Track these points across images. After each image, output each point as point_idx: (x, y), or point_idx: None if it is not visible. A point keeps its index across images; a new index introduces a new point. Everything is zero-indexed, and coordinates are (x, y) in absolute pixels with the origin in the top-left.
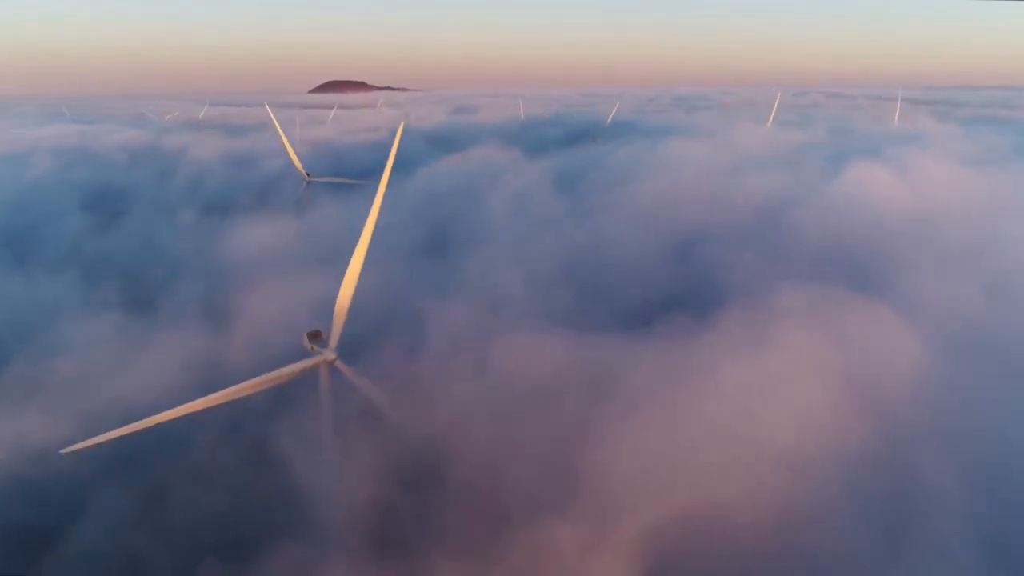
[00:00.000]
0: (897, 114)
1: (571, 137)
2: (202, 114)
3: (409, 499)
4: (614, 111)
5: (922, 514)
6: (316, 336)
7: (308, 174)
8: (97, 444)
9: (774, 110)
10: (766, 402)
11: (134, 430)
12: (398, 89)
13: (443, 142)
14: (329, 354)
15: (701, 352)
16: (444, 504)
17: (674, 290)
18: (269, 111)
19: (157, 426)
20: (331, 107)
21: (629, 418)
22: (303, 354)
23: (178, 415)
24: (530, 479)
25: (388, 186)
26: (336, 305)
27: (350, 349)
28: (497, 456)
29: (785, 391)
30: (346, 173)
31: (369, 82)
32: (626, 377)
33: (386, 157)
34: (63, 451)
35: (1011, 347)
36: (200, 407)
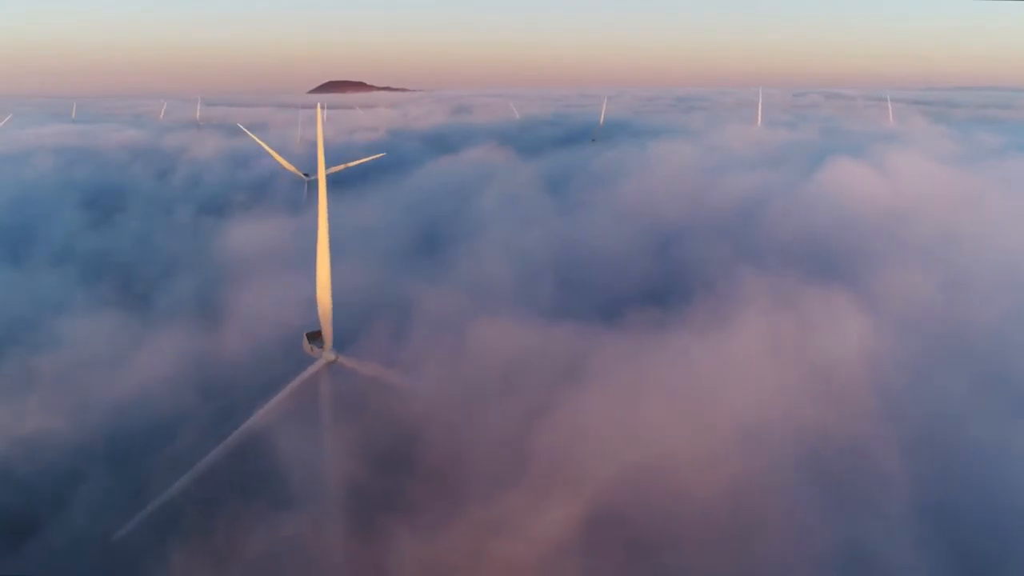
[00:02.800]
0: (890, 114)
1: (569, 137)
2: (199, 114)
3: (385, 479)
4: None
5: (868, 484)
6: (316, 336)
7: (307, 174)
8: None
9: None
10: (727, 384)
11: None
12: (398, 89)
13: (441, 142)
14: (329, 355)
15: (668, 339)
16: (415, 482)
17: (650, 283)
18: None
19: (147, 417)
20: (332, 107)
21: (595, 399)
22: (301, 353)
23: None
24: (495, 454)
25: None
26: (320, 309)
27: (338, 343)
28: (468, 436)
29: (746, 375)
30: (346, 172)
31: (369, 82)
32: (596, 362)
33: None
34: None
35: (963, 335)
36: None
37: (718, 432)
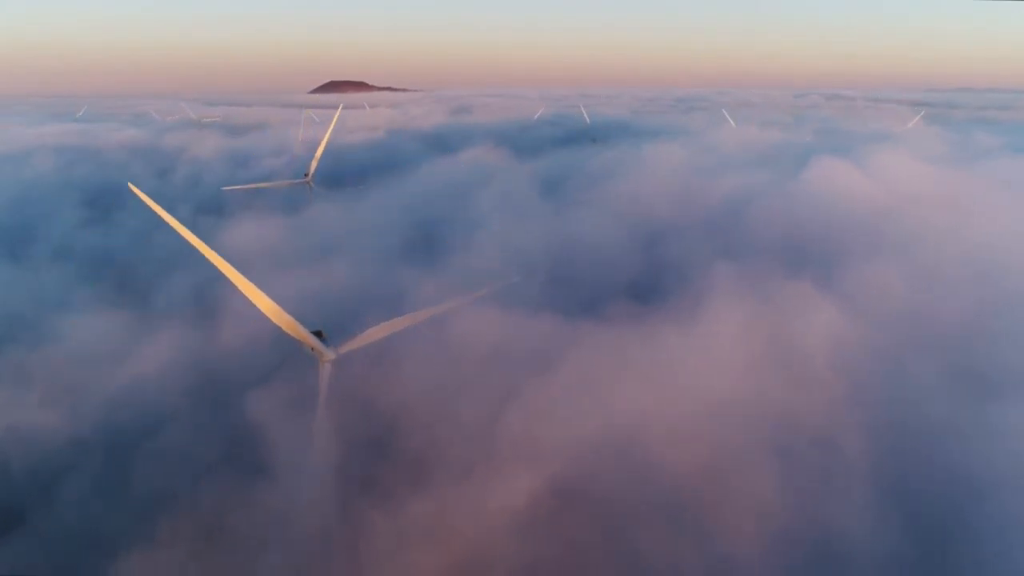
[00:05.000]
0: (888, 115)
1: (569, 138)
2: (205, 118)
3: (366, 461)
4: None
5: (835, 465)
6: (317, 336)
7: (307, 175)
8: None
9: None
10: (701, 373)
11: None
12: (399, 89)
13: (441, 142)
14: (329, 354)
15: (646, 331)
16: (395, 463)
17: (634, 279)
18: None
19: (139, 410)
20: (332, 107)
21: (570, 386)
22: (298, 351)
23: None
24: (471, 437)
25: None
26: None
27: (334, 339)
28: (450, 421)
29: (720, 365)
30: (345, 171)
31: (370, 82)
32: (574, 352)
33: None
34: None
35: (934, 325)
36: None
37: (689, 418)
